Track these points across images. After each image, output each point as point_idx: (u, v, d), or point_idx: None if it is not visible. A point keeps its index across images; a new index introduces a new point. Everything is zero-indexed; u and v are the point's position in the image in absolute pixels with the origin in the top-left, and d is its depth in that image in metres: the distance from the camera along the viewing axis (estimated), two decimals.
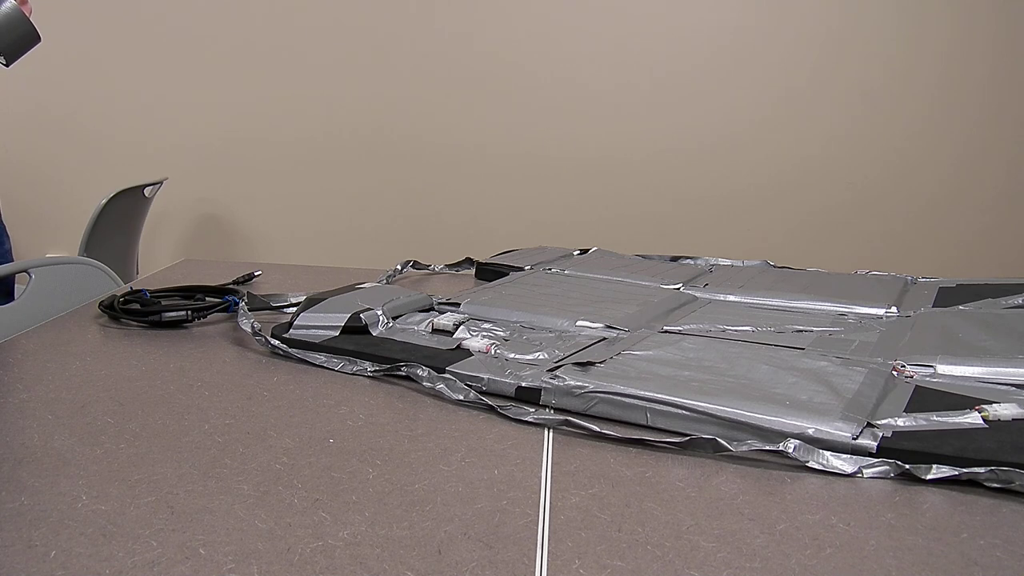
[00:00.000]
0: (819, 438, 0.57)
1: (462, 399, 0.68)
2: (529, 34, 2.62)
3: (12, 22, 1.01)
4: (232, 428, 0.62)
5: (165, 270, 1.22)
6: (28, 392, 0.69)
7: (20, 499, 0.50)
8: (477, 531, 0.47)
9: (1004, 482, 0.52)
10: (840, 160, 2.59)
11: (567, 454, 0.59)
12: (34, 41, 1.03)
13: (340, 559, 0.44)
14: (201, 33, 2.75)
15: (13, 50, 1.03)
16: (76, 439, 0.59)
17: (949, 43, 2.48)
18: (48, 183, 2.92)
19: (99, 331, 0.88)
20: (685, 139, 2.63)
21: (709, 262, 1.28)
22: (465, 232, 2.78)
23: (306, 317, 0.84)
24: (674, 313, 0.93)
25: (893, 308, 0.94)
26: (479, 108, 2.69)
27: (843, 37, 2.51)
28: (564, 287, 1.03)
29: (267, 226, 2.88)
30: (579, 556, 0.45)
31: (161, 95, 2.81)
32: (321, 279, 1.16)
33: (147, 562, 0.43)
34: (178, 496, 0.51)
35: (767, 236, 2.66)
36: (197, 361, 0.78)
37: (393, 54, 2.69)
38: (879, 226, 2.62)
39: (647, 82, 2.61)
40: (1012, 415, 0.61)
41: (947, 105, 2.53)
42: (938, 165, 2.57)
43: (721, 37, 2.56)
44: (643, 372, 0.68)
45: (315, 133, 2.78)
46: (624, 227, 2.70)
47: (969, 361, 0.72)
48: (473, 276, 1.23)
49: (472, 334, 0.81)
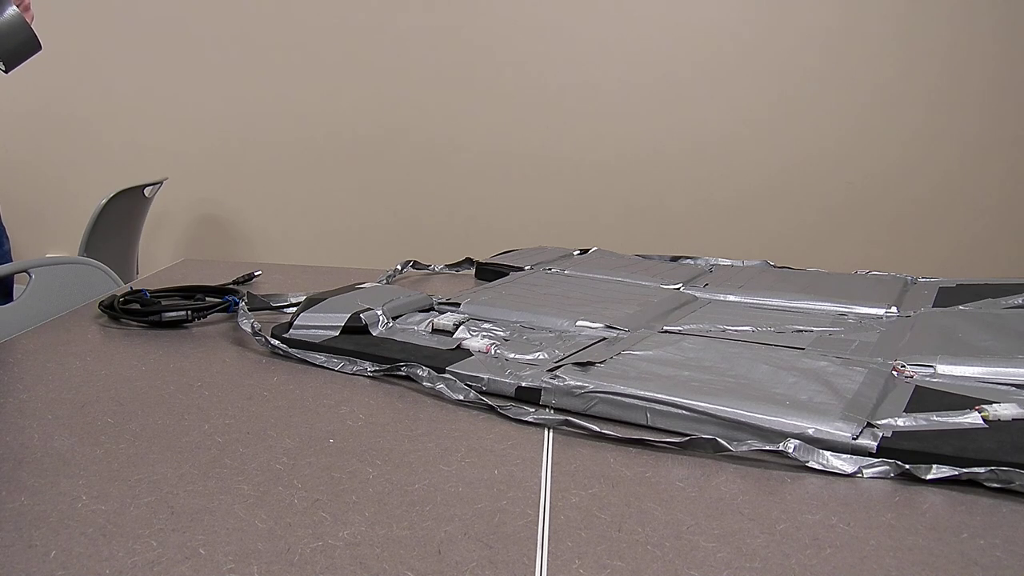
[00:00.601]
0: (819, 438, 0.57)
1: (462, 399, 0.68)
2: (529, 35, 2.62)
3: (13, 29, 1.00)
4: (232, 428, 0.62)
5: (165, 270, 1.22)
6: (28, 392, 0.69)
7: (20, 499, 0.50)
8: (477, 531, 0.47)
9: (1004, 482, 0.52)
10: (840, 160, 2.59)
11: (567, 454, 0.59)
12: (35, 49, 1.03)
13: (340, 559, 0.44)
14: (201, 34, 2.75)
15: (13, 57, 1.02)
16: (76, 439, 0.59)
17: (949, 43, 2.48)
18: (48, 183, 2.92)
19: (99, 331, 0.88)
20: (685, 139, 2.63)
21: (709, 262, 1.28)
22: (465, 232, 2.78)
23: (306, 317, 0.84)
24: (674, 313, 0.93)
25: (893, 308, 0.94)
26: (479, 108, 2.69)
27: (844, 38, 2.51)
28: (564, 287, 1.03)
29: (267, 226, 2.88)
30: (579, 556, 0.45)
31: (161, 95, 2.81)
32: (321, 279, 1.16)
33: (147, 562, 0.43)
34: (178, 496, 0.51)
35: (767, 236, 2.66)
36: (197, 361, 0.78)
37: (394, 54, 2.69)
38: (879, 226, 2.62)
39: (647, 83, 2.61)
40: (1012, 415, 0.61)
41: (947, 105, 2.53)
42: (938, 165, 2.57)
43: (720, 38, 2.56)
44: (643, 372, 0.68)
45: (315, 133, 2.78)
46: (624, 227, 2.70)
47: (969, 361, 0.72)
48: (473, 276, 1.23)
49: (472, 334, 0.81)
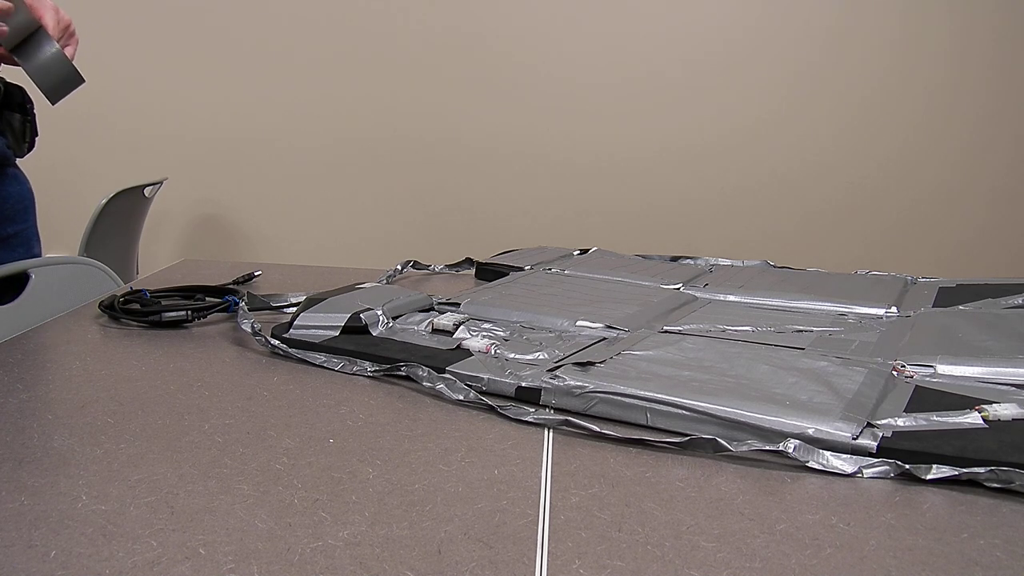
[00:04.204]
0: (819, 438, 0.57)
1: (462, 399, 0.68)
2: (530, 35, 2.62)
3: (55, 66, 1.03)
4: (232, 428, 0.62)
5: (165, 270, 1.22)
6: (28, 392, 0.69)
7: (20, 499, 0.50)
8: (477, 531, 0.47)
9: (1004, 482, 0.52)
10: (840, 160, 2.59)
11: (567, 454, 0.59)
12: (77, 83, 1.05)
13: (340, 559, 0.44)
14: (201, 33, 2.75)
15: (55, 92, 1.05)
16: (76, 439, 0.59)
17: (949, 43, 2.48)
18: (48, 183, 2.91)
19: (99, 331, 0.88)
20: (685, 139, 2.63)
21: (709, 262, 1.28)
22: (465, 232, 2.78)
23: (306, 317, 0.84)
24: (674, 313, 0.93)
25: (893, 308, 0.94)
26: (480, 108, 2.69)
27: (843, 37, 2.51)
28: (564, 287, 1.03)
29: (267, 226, 2.88)
30: (579, 556, 0.45)
31: (161, 95, 2.81)
32: (321, 279, 1.16)
33: (147, 562, 0.43)
34: (178, 496, 0.51)
35: (767, 236, 2.66)
36: (197, 361, 0.78)
37: (394, 53, 2.69)
38: (879, 226, 2.62)
39: (647, 82, 2.61)
40: (1012, 415, 0.61)
41: (947, 105, 2.53)
42: (938, 165, 2.57)
43: (721, 38, 2.56)
44: (643, 372, 0.68)
45: (315, 133, 2.78)
46: (624, 227, 2.70)
47: (969, 361, 0.72)
48: (473, 276, 1.23)
49: (472, 334, 0.81)
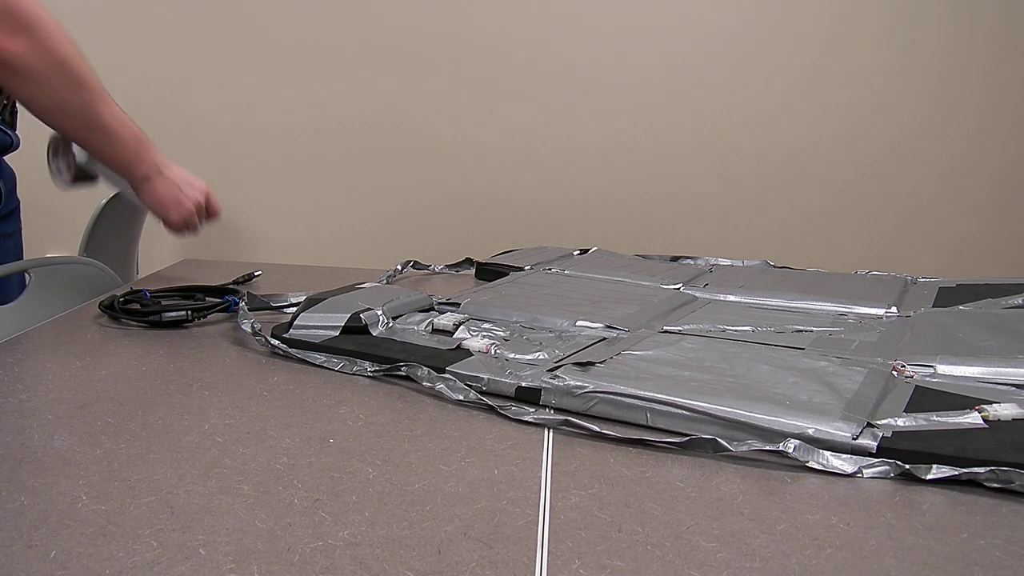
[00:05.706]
0: (819, 438, 0.57)
1: (462, 399, 0.68)
2: (531, 31, 2.62)
3: None
4: (232, 428, 0.62)
5: (165, 270, 1.22)
6: (28, 392, 0.69)
7: (20, 499, 0.50)
8: (477, 531, 0.47)
9: (1004, 482, 0.52)
10: (840, 159, 2.59)
11: (567, 454, 0.58)
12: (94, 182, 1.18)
13: (340, 559, 0.44)
14: (198, 31, 2.75)
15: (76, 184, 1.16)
16: (76, 439, 0.59)
17: (949, 43, 2.48)
18: (48, 183, 2.91)
19: (99, 331, 0.88)
20: (686, 139, 2.63)
21: (709, 262, 1.28)
22: (465, 232, 2.78)
23: (306, 317, 0.84)
24: (674, 313, 0.93)
25: (893, 308, 0.94)
26: (480, 107, 2.69)
27: (843, 36, 2.51)
28: (564, 287, 1.03)
29: (267, 226, 2.88)
30: (579, 556, 0.45)
31: (160, 94, 2.81)
32: (321, 279, 1.16)
33: (147, 562, 0.43)
34: (178, 496, 0.51)
35: (767, 236, 2.66)
36: (197, 361, 0.78)
37: (393, 50, 2.69)
38: (879, 226, 2.62)
39: (646, 81, 2.61)
40: (1012, 415, 0.61)
41: (947, 105, 2.53)
42: (938, 165, 2.57)
43: (720, 35, 2.56)
44: (643, 372, 0.68)
45: (315, 132, 2.78)
46: (624, 227, 2.70)
47: (969, 361, 0.72)
48: (473, 276, 1.23)
49: (472, 334, 0.81)
